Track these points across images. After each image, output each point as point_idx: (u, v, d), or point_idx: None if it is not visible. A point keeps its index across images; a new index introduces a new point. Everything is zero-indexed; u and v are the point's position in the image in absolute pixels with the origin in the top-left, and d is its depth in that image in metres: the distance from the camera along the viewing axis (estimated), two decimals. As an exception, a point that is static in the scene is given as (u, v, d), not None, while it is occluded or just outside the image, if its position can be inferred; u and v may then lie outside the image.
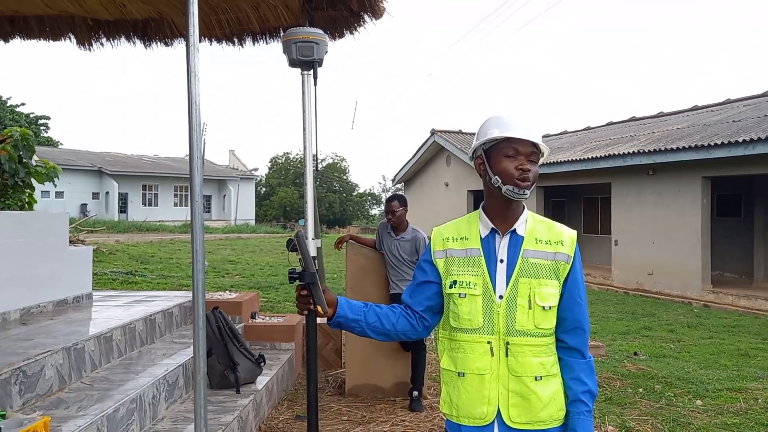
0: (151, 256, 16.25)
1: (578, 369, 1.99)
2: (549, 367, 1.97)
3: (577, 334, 2.00)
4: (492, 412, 1.97)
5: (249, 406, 4.45)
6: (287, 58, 2.66)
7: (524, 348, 1.95)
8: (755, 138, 11.19)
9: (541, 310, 1.95)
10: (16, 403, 3.30)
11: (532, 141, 1.95)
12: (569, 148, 18.31)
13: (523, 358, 1.95)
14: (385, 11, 5.17)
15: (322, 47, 2.64)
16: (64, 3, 5.45)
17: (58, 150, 44.52)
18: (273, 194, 58.48)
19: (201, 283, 2.65)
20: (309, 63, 2.63)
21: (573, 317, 2.00)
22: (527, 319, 1.95)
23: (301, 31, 2.64)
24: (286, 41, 2.63)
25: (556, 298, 1.97)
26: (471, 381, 2.00)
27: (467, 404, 2.01)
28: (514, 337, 1.95)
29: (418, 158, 24.34)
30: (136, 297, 6.60)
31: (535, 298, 1.95)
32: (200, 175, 2.66)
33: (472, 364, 2.00)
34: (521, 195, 1.95)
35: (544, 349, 1.97)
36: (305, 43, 2.61)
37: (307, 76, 2.66)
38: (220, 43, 5.89)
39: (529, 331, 1.95)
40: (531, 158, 1.96)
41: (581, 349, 2.01)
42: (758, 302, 11.90)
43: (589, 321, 2.08)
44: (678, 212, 13.65)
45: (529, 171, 1.95)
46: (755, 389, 5.84)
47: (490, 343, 1.97)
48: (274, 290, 11.43)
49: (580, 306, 2.00)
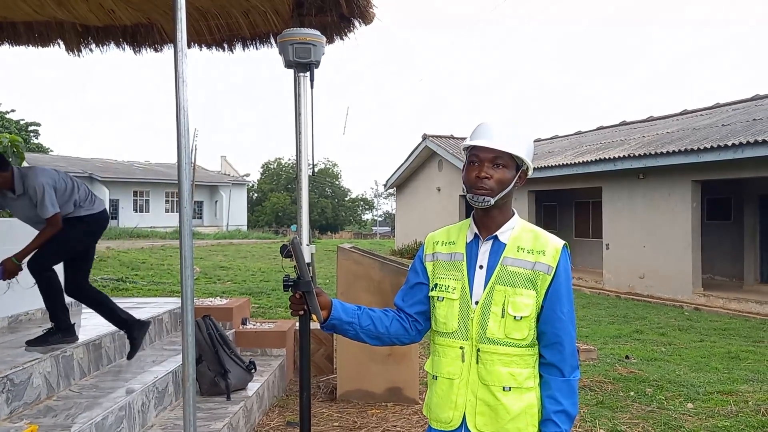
0: (142, 262, 16.17)
1: (555, 387, 1.92)
2: (522, 380, 1.92)
3: (556, 350, 1.93)
4: (458, 417, 1.96)
5: (239, 413, 4.42)
6: (283, 60, 2.60)
7: (493, 356, 1.92)
8: (744, 142, 11.27)
9: (512, 319, 1.91)
10: (3, 411, 3.27)
11: (492, 147, 1.92)
12: (560, 153, 18.38)
13: (492, 367, 1.92)
14: (375, 16, 5.16)
15: (320, 49, 2.59)
16: (52, 9, 5.42)
17: (49, 156, 44.22)
18: (265, 200, 58.36)
19: (190, 289, 2.63)
20: (306, 65, 2.58)
21: (553, 332, 1.93)
22: (498, 328, 1.91)
23: (298, 32, 2.58)
24: (283, 42, 2.58)
25: (531, 308, 1.91)
26: (441, 385, 2.01)
27: (436, 407, 2.02)
28: (484, 344, 1.93)
29: (410, 163, 24.36)
30: (126, 304, 6.52)
31: (507, 307, 1.91)
32: (188, 181, 2.64)
33: (444, 368, 2.00)
34: (479, 202, 1.93)
35: (516, 359, 1.92)
36: (302, 45, 2.56)
37: (303, 77, 2.60)
38: (210, 48, 5.87)
39: (499, 339, 1.92)
40: (496, 163, 1.93)
41: (560, 366, 1.93)
42: (749, 305, 11.96)
43: (575, 336, 1.98)
44: (668, 216, 13.71)
45: (487, 178, 1.92)
46: (746, 392, 5.86)
47: (463, 348, 1.96)
48: (265, 296, 11.39)
49: (561, 321, 1.93)
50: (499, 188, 1.93)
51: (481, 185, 1.92)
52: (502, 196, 1.93)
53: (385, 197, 67.32)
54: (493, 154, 1.93)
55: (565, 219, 19.77)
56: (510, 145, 1.93)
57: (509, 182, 1.94)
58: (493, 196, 1.92)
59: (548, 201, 19.91)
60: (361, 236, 52.27)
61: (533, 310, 1.92)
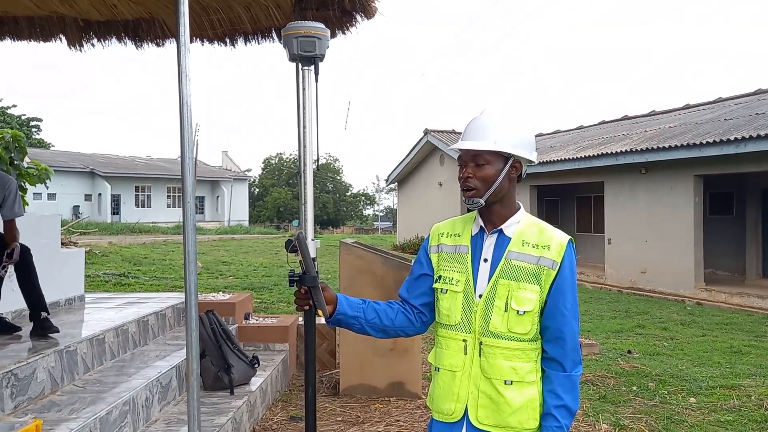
0: (144, 257, 16.19)
1: (556, 382, 1.92)
2: (524, 374, 1.92)
3: (558, 345, 1.93)
4: (460, 409, 1.97)
5: (243, 408, 4.43)
6: (287, 53, 2.55)
7: (495, 350, 1.92)
8: (747, 136, 11.25)
9: (515, 314, 1.91)
10: (7, 406, 3.28)
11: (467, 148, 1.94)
12: (562, 147, 18.35)
13: (494, 360, 1.92)
14: (377, 11, 5.15)
15: (324, 42, 2.54)
16: (54, 3, 5.41)
17: (51, 152, 44.30)
18: (266, 195, 58.42)
19: (193, 284, 2.63)
20: (310, 58, 2.53)
21: (555, 326, 1.93)
22: (501, 322, 1.92)
23: (302, 26, 2.53)
24: (287, 35, 2.53)
25: (534, 303, 1.91)
26: (444, 377, 2.02)
27: (439, 399, 2.03)
28: (487, 337, 1.93)
29: (411, 158, 24.33)
30: (128, 299, 6.57)
31: (511, 301, 1.91)
32: (192, 176, 2.64)
33: (446, 360, 2.01)
34: (471, 204, 1.96)
35: (518, 353, 1.92)
36: (307, 38, 2.51)
37: (307, 71, 2.56)
38: (212, 43, 5.86)
39: (502, 333, 1.92)
40: (477, 162, 1.93)
41: (561, 360, 1.93)
42: (751, 300, 11.96)
43: (578, 331, 1.97)
44: (671, 210, 13.70)
45: (468, 179, 1.94)
46: (748, 386, 5.86)
47: (465, 341, 1.97)
48: (267, 291, 11.40)
49: (564, 316, 1.92)
50: (484, 186, 1.93)
51: (466, 186, 1.94)
52: (491, 192, 1.93)
53: (386, 192, 67.36)
54: (472, 153, 1.94)
55: (567, 214, 19.75)
56: (489, 141, 1.92)
57: (494, 178, 1.93)
58: (480, 195, 1.93)
59: (550, 196, 19.89)
60: (362, 231, 52.30)
61: (536, 304, 1.92)
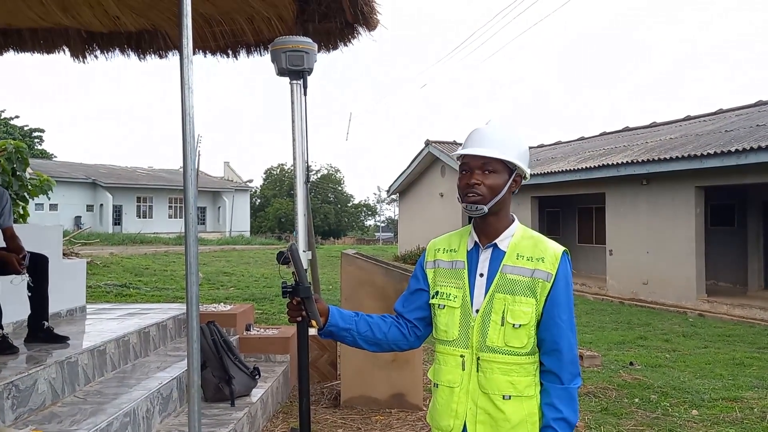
0: (146, 268, 16.19)
1: (554, 394, 1.90)
2: (522, 388, 1.90)
3: (555, 357, 1.91)
4: (458, 426, 1.95)
5: (244, 419, 4.42)
6: (276, 68, 2.59)
7: (493, 365, 1.91)
8: (748, 148, 11.26)
9: (511, 327, 1.89)
10: (8, 417, 3.27)
11: (479, 154, 1.92)
12: (563, 158, 18.37)
13: (491, 375, 1.91)
14: (379, 23, 5.19)
15: (312, 56, 2.58)
16: (57, 15, 5.45)
17: (53, 162, 44.39)
18: (268, 205, 58.43)
19: (195, 295, 2.63)
20: (299, 72, 2.57)
21: (551, 338, 1.91)
22: (498, 336, 1.90)
23: (290, 40, 2.57)
24: (275, 50, 2.57)
25: (530, 316, 1.90)
26: (442, 393, 2.00)
27: (438, 415, 2.02)
28: (484, 352, 1.92)
29: (413, 169, 24.38)
30: (130, 310, 6.56)
31: (506, 315, 1.90)
32: (194, 187, 2.65)
33: (444, 376, 2.00)
34: (472, 210, 1.94)
35: (515, 368, 1.90)
36: (295, 53, 2.55)
37: (296, 85, 2.60)
38: (214, 55, 5.90)
39: (499, 348, 1.91)
40: (486, 169, 1.93)
41: (558, 373, 1.91)
42: (753, 311, 11.92)
43: (576, 343, 1.95)
44: (672, 222, 13.69)
45: (476, 185, 1.92)
46: (751, 398, 5.84)
47: (463, 356, 1.95)
48: (269, 302, 11.39)
49: (560, 328, 1.91)
50: (490, 194, 1.92)
51: (472, 192, 1.92)
52: (495, 202, 1.93)
53: (387, 203, 67.40)
54: (482, 161, 1.93)
55: (568, 225, 19.74)
56: (499, 151, 1.93)
57: (501, 187, 1.93)
58: (485, 203, 1.92)
59: (551, 207, 19.88)
60: (363, 242, 52.28)
61: (532, 318, 1.91)
